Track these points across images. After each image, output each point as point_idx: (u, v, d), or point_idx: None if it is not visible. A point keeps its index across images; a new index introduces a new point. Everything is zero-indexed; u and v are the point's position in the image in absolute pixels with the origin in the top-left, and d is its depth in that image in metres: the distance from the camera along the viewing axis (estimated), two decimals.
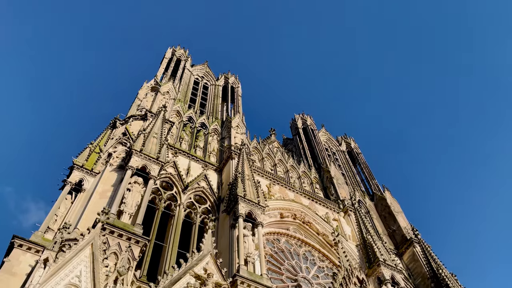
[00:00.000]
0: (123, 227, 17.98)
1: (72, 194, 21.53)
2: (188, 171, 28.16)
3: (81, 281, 13.30)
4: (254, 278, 20.16)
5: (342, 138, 52.32)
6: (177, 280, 15.75)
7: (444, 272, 28.93)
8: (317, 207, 33.16)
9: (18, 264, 16.15)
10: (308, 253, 29.08)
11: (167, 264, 21.36)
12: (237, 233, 22.56)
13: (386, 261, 27.44)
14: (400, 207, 38.17)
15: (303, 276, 26.38)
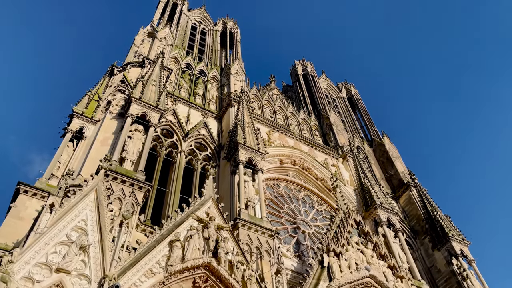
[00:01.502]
0: (126, 173, 18.33)
1: (73, 141, 21.73)
2: (188, 119, 28.19)
3: (87, 225, 13.77)
4: (255, 221, 20.86)
5: (343, 85, 51.85)
6: (181, 223, 16.27)
7: (439, 214, 29.90)
8: (316, 154, 33.58)
9: (24, 209, 16.68)
10: (307, 197, 29.86)
11: (170, 208, 22.02)
12: (238, 179, 23.03)
13: (383, 204, 28.26)
14: (398, 152, 38.67)
15: (302, 219, 27.26)
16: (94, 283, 12.58)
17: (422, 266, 28.23)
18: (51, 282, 11.85)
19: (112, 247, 13.88)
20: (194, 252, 15.33)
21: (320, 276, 18.04)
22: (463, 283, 24.78)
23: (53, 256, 12.46)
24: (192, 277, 14.92)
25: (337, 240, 20.04)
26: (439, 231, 28.75)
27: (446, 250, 27.72)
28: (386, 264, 20.16)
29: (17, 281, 11.38)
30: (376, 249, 20.66)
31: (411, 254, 26.81)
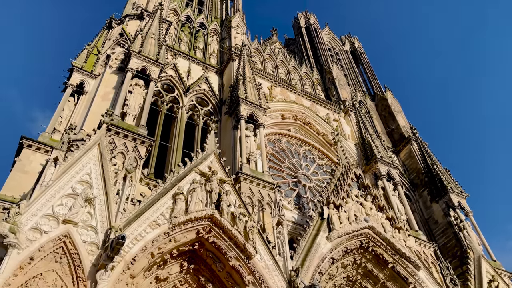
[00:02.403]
0: (128, 128, 18.41)
1: (74, 96, 21.65)
2: (189, 74, 27.89)
3: (91, 178, 14.00)
4: (256, 174, 21.18)
5: (346, 38, 50.64)
6: (183, 177, 16.51)
7: (438, 168, 30.26)
8: (318, 108, 33.46)
9: (29, 163, 16.93)
10: (308, 152, 30.09)
11: (172, 163, 22.29)
12: (239, 134, 23.13)
13: (383, 158, 28.52)
14: (400, 106, 38.48)
15: (302, 173, 27.63)
16: (100, 233, 12.96)
17: (420, 218, 28.99)
18: (58, 233, 12.22)
19: (117, 199, 14.18)
20: (197, 204, 15.66)
21: (320, 227, 18.53)
22: (460, 233, 25.50)
23: (60, 208, 12.78)
24: (195, 228, 15.32)
25: (337, 193, 20.41)
26: (438, 184, 29.24)
27: (444, 203, 28.35)
28: (385, 216, 20.65)
29: (25, 232, 11.74)
30: (375, 202, 21.09)
31: (409, 206, 27.45)
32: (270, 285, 15.10)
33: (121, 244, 12.10)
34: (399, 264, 19.18)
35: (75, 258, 12.06)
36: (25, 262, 11.33)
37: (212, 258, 15.66)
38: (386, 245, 19.33)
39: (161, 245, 14.29)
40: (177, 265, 15.53)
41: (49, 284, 11.57)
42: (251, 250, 15.49)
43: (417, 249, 21.74)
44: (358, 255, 19.14)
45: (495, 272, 22.27)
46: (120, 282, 12.70)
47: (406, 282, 18.95)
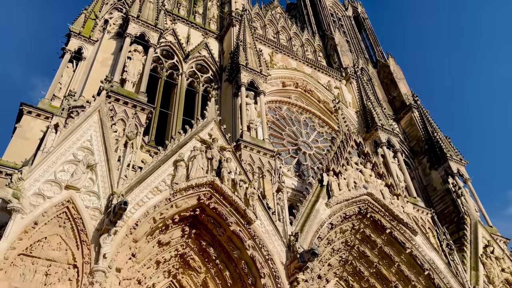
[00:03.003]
0: (128, 94, 18.30)
1: (73, 62, 21.42)
2: (188, 39, 27.43)
3: (92, 145, 14.04)
4: (257, 142, 21.23)
5: (349, 3, 49.44)
6: (184, 144, 16.55)
7: (439, 135, 30.32)
8: (319, 76, 33.11)
9: (30, 129, 16.97)
10: (308, 119, 30.04)
11: (173, 130, 22.30)
12: (240, 101, 23.01)
13: (384, 125, 28.51)
14: (402, 74, 38.09)
15: (303, 141, 27.69)
16: (103, 199, 13.13)
17: (419, 185, 29.32)
18: (61, 198, 12.38)
19: (118, 166, 14.27)
20: (198, 171, 15.77)
21: (320, 193, 18.74)
22: (457, 200, 25.85)
23: (62, 174, 12.89)
24: (196, 195, 15.51)
25: (337, 160, 20.51)
26: (438, 151, 29.39)
27: (443, 170, 28.60)
28: (384, 183, 20.84)
29: (28, 197, 11.89)
30: (374, 169, 21.22)
31: (408, 174, 27.69)
32: (270, 250, 15.42)
33: (124, 209, 12.28)
34: (396, 229, 19.54)
35: (78, 223, 12.27)
36: (29, 226, 11.54)
37: (213, 223, 15.94)
38: (384, 211, 19.63)
39: (163, 210, 14.51)
40: (178, 230, 15.83)
41: (54, 248, 11.83)
42: (251, 215, 15.74)
43: (414, 215, 22.09)
44: (356, 221, 19.47)
45: (491, 238, 22.72)
46: (123, 246, 12.98)
47: (403, 247, 19.36)
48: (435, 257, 19.31)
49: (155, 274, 15.56)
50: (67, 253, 11.87)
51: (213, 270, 16.03)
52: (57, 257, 11.69)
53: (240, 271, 15.61)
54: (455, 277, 19.00)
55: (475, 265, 20.62)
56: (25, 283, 10.95)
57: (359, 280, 19.69)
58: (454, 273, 19.16)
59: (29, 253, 11.46)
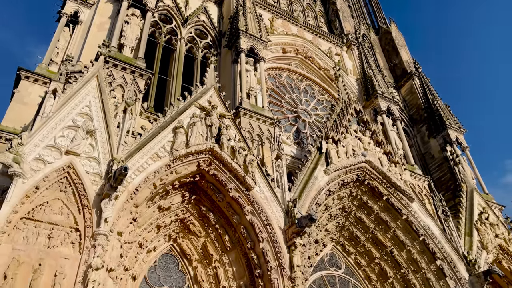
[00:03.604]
0: (126, 60, 18.08)
1: (69, 26, 21.02)
2: (187, 3, 26.82)
3: (91, 111, 14.00)
4: (256, 109, 21.17)
5: None
6: (183, 111, 16.52)
7: (439, 103, 30.24)
8: (320, 42, 32.59)
9: (28, 95, 16.88)
10: (308, 87, 29.82)
11: (172, 97, 22.18)
12: (239, 68, 22.78)
13: (384, 93, 28.36)
14: (404, 40, 37.51)
15: (302, 108, 27.60)
16: (103, 165, 13.22)
17: (417, 153, 29.51)
18: (62, 164, 12.46)
19: (117, 132, 14.28)
20: (197, 138, 15.82)
21: (318, 161, 18.88)
22: (455, 168, 26.09)
23: (61, 140, 12.92)
24: (196, 161, 15.63)
25: (336, 128, 20.53)
26: (437, 119, 29.39)
27: (441, 138, 28.72)
28: (382, 151, 20.95)
29: (29, 162, 11.97)
30: (373, 137, 21.29)
31: (407, 142, 27.78)
32: (268, 215, 15.70)
33: (124, 175, 12.39)
34: (393, 196, 19.82)
35: (79, 188, 12.42)
36: (30, 191, 11.68)
37: (212, 189, 16.15)
38: (382, 178, 19.84)
39: (162, 176, 14.66)
40: (178, 196, 16.06)
41: (56, 212, 12.03)
42: (250, 182, 15.92)
43: (412, 183, 22.35)
44: (354, 187, 19.72)
45: (486, 205, 23.07)
46: (124, 210, 13.20)
47: (399, 213, 19.71)
48: (430, 223, 19.70)
49: (156, 238, 15.91)
50: (69, 217, 12.07)
51: (212, 235, 16.37)
52: (59, 221, 11.90)
53: (239, 235, 15.95)
54: (449, 243, 19.45)
55: (469, 231, 21.05)
56: (28, 245, 11.19)
57: (355, 245, 20.16)
58: (449, 239, 19.61)
59: (32, 217, 11.65)
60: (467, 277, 18.54)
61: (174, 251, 16.60)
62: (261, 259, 15.16)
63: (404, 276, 19.22)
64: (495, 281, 20.44)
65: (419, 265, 19.08)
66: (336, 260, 19.99)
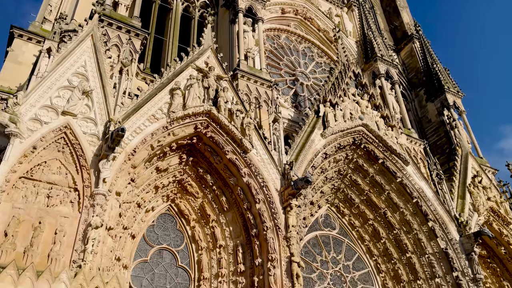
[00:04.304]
0: (121, 19, 17.69)
1: None
2: None
3: (87, 71, 13.81)
4: (254, 72, 20.96)
5: None
6: (180, 72, 16.35)
7: (438, 67, 29.98)
8: (320, 2, 31.76)
9: (22, 53, 16.61)
10: (307, 49, 29.37)
11: (168, 58, 21.88)
12: (237, 29, 22.35)
13: (383, 56, 28.03)
14: (406, 1, 36.63)
15: (301, 71, 27.32)
16: (100, 126, 13.21)
17: (414, 117, 29.57)
18: (59, 124, 12.43)
19: (114, 93, 14.18)
20: (194, 100, 15.75)
21: (315, 124, 18.91)
22: (451, 132, 26.23)
23: (58, 100, 12.82)
24: (193, 123, 15.63)
25: (334, 91, 20.43)
26: (436, 83, 29.25)
27: (439, 102, 28.70)
28: (380, 114, 20.97)
29: (25, 122, 11.93)
30: (371, 100, 21.24)
31: (404, 105, 27.75)
32: (265, 177, 15.90)
33: (121, 136, 12.41)
34: (389, 159, 20.03)
35: (77, 148, 12.46)
36: (28, 151, 11.72)
37: (210, 152, 16.26)
38: (378, 142, 19.97)
39: (160, 138, 14.70)
40: (176, 157, 16.18)
41: (54, 172, 12.13)
42: (248, 145, 16.00)
43: (407, 146, 22.53)
44: (350, 151, 19.87)
45: (480, 168, 23.37)
46: (122, 171, 13.32)
47: (394, 176, 19.99)
48: (424, 186, 20.03)
49: (154, 198, 16.17)
50: (67, 177, 12.18)
51: (210, 196, 16.63)
52: (58, 180, 12.02)
53: (236, 196, 16.22)
54: (442, 205, 19.87)
55: (462, 194, 21.44)
56: (28, 204, 11.37)
57: (350, 206, 20.57)
58: (441, 201, 20.01)
59: (30, 176, 11.76)
60: (458, 238, 19.07)
61: (172, 211, 16.92)
62: (257, 220, 15.50)
63: (396, 237, 19.76)
64: (485, 242, 21.05)
65: (411, 226, 19.58)
66: (331, 221, 20.46)
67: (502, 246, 21.50)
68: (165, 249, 16.17)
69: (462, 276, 18.04)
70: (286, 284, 13.98)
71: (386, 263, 19.78)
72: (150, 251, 15.79)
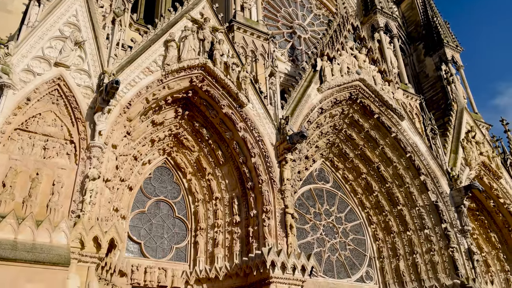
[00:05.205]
0: None
1: None
2: None
3: (79, 21, 13.39)
4: (250, 24, 20.49)
5: None
6: (175, 23, 15.95)
7: (438, 20, 29.40)
8: None
9: (11, 2, 16.04)
10: (305, 0, 28.53)
11: (162, 8, 21.30)
12: None
13: (383, 8, 27.38)
14: None
15: (298, 23, 26.68)
16: (94, 78, 13.02)
17: (412, 72, 29.36)
18: (52, 75, 12.23)
19: (107, 44, 13.87)
20: (189, 52, 15.49)
21: (312, 78, 18.77)
22: (448, 87, 26.12)
23: (50, 51, 12.54)
24: (189, 77, 15.46)
25: (332, 44, 20.11)
26: (435, 37, 28.82)
27: (437, 56, 28.44)
28: (377, 69, 20.78)
29: (18, 73, 11.72)
30: (369, 54, 20.98)
31: (402, 60, 27.46)
32: (260, 131, 15.98)
33: (116, 88, 12.28)
34: (384, 114, 20.09)
35: (71, 101, 12.35)
36: (22, 102, 11.60)
37: (205, 106, 16.22)
38: (374, 97, 19.93)
39: (155, 91, 14.59)
40: (172, 111, 16.15)
41: (49, 124, 12.08)
42: (244, 99, 15.94)
43: (403, 101, 22.52)
44: (346, 106, 19.87)
45: (474, 123, 23.54)
46: (117, 124, 13.32)
47: (388, 131, 20.14)
48: (418, 141, 20.25)
49: (151, 152, 16.31)
50: (62, 129, 12.16)
51: (206, 149, 16.78)
52: (53, 132, 12.01)
53: (231, 150, 16.37)
54: (435, 159, 20.19)
55: (455, 149, 21.72)
56: (24, 156, 11.42)
57: (344, 161, 20.88)
58: (434, 156, 20.31)
59: (25, 128, 11.72)
60: (449, 191, 19.55)
61: (169, 164, 17.13)
62: (252, 173, 15.75)
63: (388, 190, 20.23)
64: (475, 196, 21.61)
65: (403, 180, 19.99)
66: (325, 175, 20.84)
67: (491, 199, 22.09)
68: (162, 200, 16.54)
69: (451, 228, 18.66)
70: (280, 234, 14.44)
71: (378, 215, 20.39)
72: (147, 203, 16.16)
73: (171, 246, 15.87)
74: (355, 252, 19.67)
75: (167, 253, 15.70)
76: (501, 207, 21.94)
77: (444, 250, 18.42)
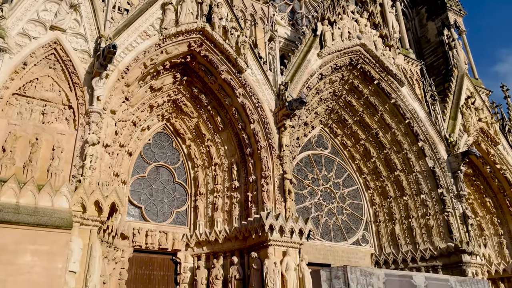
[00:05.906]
0: None
1: None
2: None
3: None
4: None
5: None
6: None
7: None
8: None
9: None
10: None
11: None
12: None
13: None
14: None
15: None
16: (90, 42, 12.82)
17: (413, 36, 28.88)
18: (48, 39, 12.03)
19: (103, 7, 13.57)
20: (187, 16, 15.17)
21: (312, 43, 18.50)
22: (449, 52, 25.74)
23: (45, 14, 12.26)
24: (187, 41, 15.22)
25: (333, 8, 19.69)
26: (438, 0, 28.15)
27: (440, 21, 27.86)
28: (378, 34, 20.43)
29: (13, 37, 11.52)
30: (370, 18, 20.57)
31: (404, 24, 26.97)
32: (260, 98, 15.91)
33: (113, 53, 12.12)
34: (384, 80, 19.94)
35: (68, 65, 12.20)
36: (18, 67, 11.47)
37: (204, 71, 16.06)
38: (375, 62, 19.71)
39: (153, 56, 14.40)
40: (170, 77, 16.01)
41: (47, 89, 12.00)
42: (242, 64, 15.77)
43: (404, 67, 22.31)
44: (346, 71, 19.68)
45: (474, 89, 23.38)
46: (116, 89, 13.23)
47: (388, 97, 20.05)
48: (417, 107, 20.20)
49: (149, 117, 16.30)
50: (60, 94, 12.09)
51: (205, 116, 16.77)
52: (51, 97, 11.95)
53: (230, 117, 16.37)
54: (433, 126, 20.21)
55: (454, 115, 21.68)
56: (23, 121, 11.42)
57: (343, 127, 20.91)
58: (433, 122, 20.33)
59: (23, 93, 11.65)
60: (446, 157, 19.70)
61: (168, 130, 17.17)
62: (251, 139, 15.81)
63: (386, 156, 20.38)
64: (472, 161, 21.77)
65: (401, 146, 20.11)
66: (323, 141, 20.93)
67: (488, 165, 22.28)
68: (162, 166, 16.70)
69: (447, 193, 18.94)
70: (278, 199, 14.68)
71: (375, 181, 20.65)
72: (147, 168, 16.32)
73: (171, 210, 16.17)
74: (352, 217, 20.06)
75: (167, 217, 16.01)
76: (497, 172, 22.17)
77: (439, 215, 18.78)
